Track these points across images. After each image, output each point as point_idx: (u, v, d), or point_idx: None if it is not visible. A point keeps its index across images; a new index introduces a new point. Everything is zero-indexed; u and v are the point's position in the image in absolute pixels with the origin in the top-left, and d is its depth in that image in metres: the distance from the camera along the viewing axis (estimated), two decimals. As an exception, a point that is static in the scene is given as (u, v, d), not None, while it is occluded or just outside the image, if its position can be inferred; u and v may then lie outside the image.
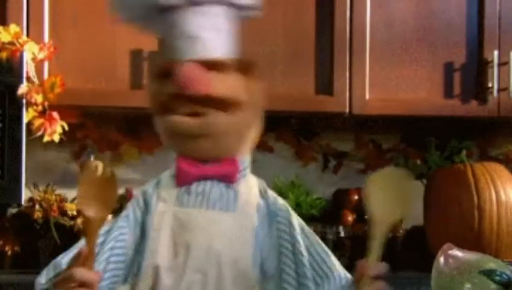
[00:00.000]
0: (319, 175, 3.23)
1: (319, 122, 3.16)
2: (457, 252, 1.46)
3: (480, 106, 3.00)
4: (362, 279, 1.41)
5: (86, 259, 1.36)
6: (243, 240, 1.51)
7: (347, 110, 2.91)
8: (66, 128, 2.69)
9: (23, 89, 2.61)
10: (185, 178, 1.53)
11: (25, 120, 2.62)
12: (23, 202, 2.68)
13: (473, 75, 3.01)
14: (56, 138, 2.67)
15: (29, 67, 2.65)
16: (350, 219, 3.07)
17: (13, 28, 2.64)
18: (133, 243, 1.51)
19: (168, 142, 1.55)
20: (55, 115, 2.67)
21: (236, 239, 1.50)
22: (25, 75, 2.62)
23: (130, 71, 2.80)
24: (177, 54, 1.50)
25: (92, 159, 2.79)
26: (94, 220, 1.38)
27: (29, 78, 2.65)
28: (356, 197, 3.13)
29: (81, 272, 1.35)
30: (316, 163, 3.24)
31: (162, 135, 1.56)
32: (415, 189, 2.07)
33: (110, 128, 3.05)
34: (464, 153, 3.01)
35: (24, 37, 2.66)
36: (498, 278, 1.41)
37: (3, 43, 2.61)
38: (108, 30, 2.79)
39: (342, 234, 3.05)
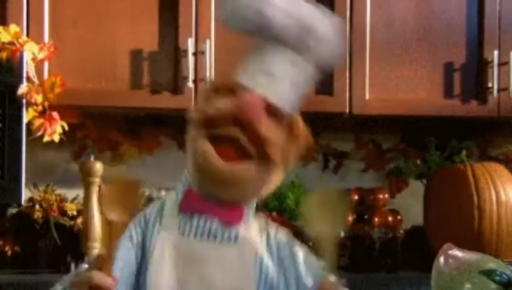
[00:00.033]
0: (319, 175, 3.23)
1: (319, 122, 3.15)
2: (457, 252, 1.46)
3: (480, 106, 3.00)
4: None
5: (104, 263, 1.35)
6: (245, 273, 1.51)
7: (347, 110, 2.92)
8: (66, 128, 2.69)
9: (23, 89, 2.61)
10: (190, 210, 1.52)
11: (25, 120, 2.62)
12: (23, 202, 2.68)
13: (473, 75, 3.01)
14: (56, 138, 2.67)
15: (29, 67, 2.65)
16: (350, 218, 3.07)
17: (13, 28, 2.64)
18: (136, 263, 1.51)
19: (193, 172, 1.52)
20: (55, 115, 2.67)
21: (238, 272, 1.51)
22: (25, 75, 2.62)
23: (130, 71, 2.80)
24: (251, 80, 1.49)
25: (92, 159, 2.79)
26: (116, 224, 1.37)
27: (29, 78, 2.64)
28: (356, 197, 3.13)
29: (98, 276, 1.33)
30: (316, 163, 3.24)
31: (189, 160, 1.52)
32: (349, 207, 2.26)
33: (110, 128, 3.04)
34: (464, 153, 3.02)
35: (24, 37, 2.65)
36: (498, 278, 1.40)
37: (3, 43, 2.61)
38: (108, 30, 2.79)
39: (341, 234, 3.05)
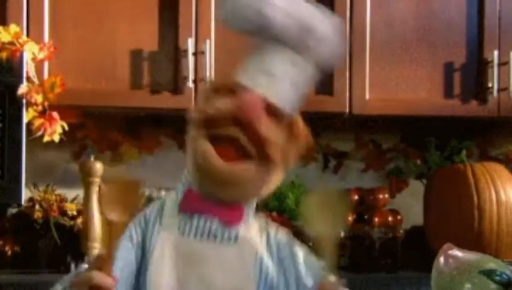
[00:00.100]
0: (319, 175, 3.23)
1: (319, 122, 3.15)
2: (457, 252, 1.46)
3: (480, 106, 3.00)
4: None
5: (104, 263, 1.35)
6: (244, 273, 1.51)
7: (347, 110, 2.92)
8: (66, 128, 2.69)
9: (23, 89, 2.61)
10: (189, 210, 1.51)
11: (25, 120, 2.62)
12: (23, 202, 2.68)
13: (473, 75, 3.01)
14: (56, 138, 2.67)
15: (29, 67, 2.65)
16: (350, 218, 3.07)
17: (13, 28, 2.63)
18: (136, 263, 1.51)
19: (193, 172, 1.51)
20: (55, 115, 2.67)
21: (238, 272, 1.50)
22: (25, 75, 2.62)
23: (130, 71, 2.80)
24: (251, 80, 1.49)
25: (92, 159, 2.79)
26: (116, 224, 1.37)
27: (29, 78, 2.64)
28: (356, 197, 3.13)
29: (98, 276, 1.33)
30: (316, 163, 3.24)
31: (189, 159, 1.52)
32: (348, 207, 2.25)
33: (110, 128, 3.04)
34: (464, 153, 3.02)
35: (24, 37, 2.65)
36: (498, 278, 1.40)
37: (3, 43, 2.61)
38: (108, 30, 2.79)
39: (341, 234, 3.05)
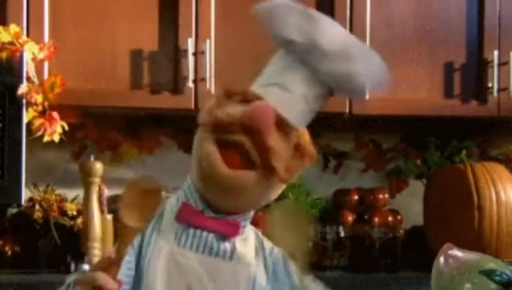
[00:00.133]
0: (319, 175, 3.23)
1: (319, 122, 3.14)
2: (457, 252, 1.46)
3: (480, 106, 3.00)
4: None
5: (112, 265, 1.33)
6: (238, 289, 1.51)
7: (347, 110, 2.91)
8: (66, 128, 2.69)
9: (23, 89, 2.61)
10: (185, 223, 1.50)
11: (25, 120, 2.62)
12: (23, 202, 2.68)
13: (473, 75, 3.01)
14: (56, 138, 2.67)
15: (29, 67, 2.65)
16: (350, 218, 3.07)
17: (13, 28, 2.64)
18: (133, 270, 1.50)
19: (196, 174, 1.50)
20: (55, 115, 2.67)
21: (231, 288, 1.50)
22: (25, 75, 2.62)
23: (130, 71, 2.80)
24: (266, 91, 1.49)
25: (92, 159, 2.79)
26: (130, 229, 1.36)
27: (29, 78, 2.64)
28: (356, 197, 3.13)
29: (103, 277, 1.31)
30: (316, 163, 3.23)
31: (194, 161, 1.51)
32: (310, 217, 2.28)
33: (110, 128, 3.04)
34: (464, 153, 3.01)
35: (24, 37, 2.65)
36: (498, 278, 1.40)
37: (3, 43, 2.61)
38: (108, 30, 2.79)
39: (342, 234, 3.05)
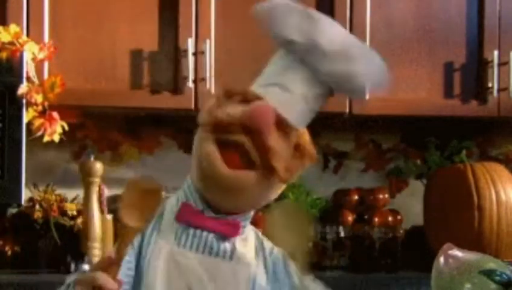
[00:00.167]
0: (319, 175, 3.23)
1: (319, 122, 3.14)
2: (457, 252, 1.46)
3: (480, 106, 3.00)
4: None
5: (112, 265, 1.33)
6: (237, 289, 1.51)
7: (347, 110, 2.91)
8: (66, 128, 2.69)
9: (23, 89, 2.61)
10: (185, 223, 1.50)
11: (25, 120, 2.62)
12: (23, 202, 2.68)
13: (473, 75, 3.01)
14: (56, 138, 2.67)
15: (29, 67, 2.65)
16: (350, 218, 3.07)
17: (13, 28, 2.64)
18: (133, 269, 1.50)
19: (196, 173, 1.50)
20: (55, 115, 2.67)
21: (231, 288, 1.49)
22: (25, 75, 2.62)
23: (130, 71, 2.80)
24: (266, 91, 1.49)
25: (92, 159, 2.79)
26: (130, 229, 1.36)
27: (29, 78, 2.64)
28: (356, 197, 3.13)
29: (103, 277, 1.31)
30: (316, 163, 3.23)
31: (194, 160, 1.51)
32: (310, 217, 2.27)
33: (110, 128, 3.04)
34: (464, 153, 3.01)
35: (24, 37, 2.65)
36: (498, 278, 1.40)
37: (3, 43, 2.61)
38: (108, 30, 2.79)
39: (342, 234, 3.05)
